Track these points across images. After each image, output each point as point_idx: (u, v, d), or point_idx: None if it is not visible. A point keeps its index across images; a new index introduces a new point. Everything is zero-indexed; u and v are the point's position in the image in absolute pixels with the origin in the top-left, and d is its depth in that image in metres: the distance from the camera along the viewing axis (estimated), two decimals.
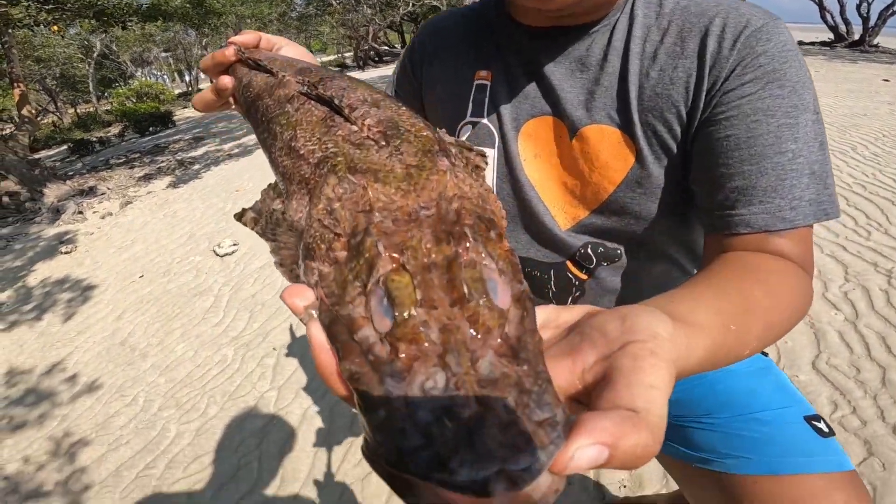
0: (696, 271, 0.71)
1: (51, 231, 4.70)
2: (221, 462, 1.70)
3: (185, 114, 14.07)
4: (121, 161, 7.51)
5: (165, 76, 28.58)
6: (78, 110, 20.83)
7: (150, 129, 10.60)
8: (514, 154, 0.67)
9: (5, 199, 5.65)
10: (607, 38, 0.61)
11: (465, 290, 0.23)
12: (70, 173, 7.08)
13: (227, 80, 0.52)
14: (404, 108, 0.37)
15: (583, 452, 0.21)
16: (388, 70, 14.82)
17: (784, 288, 0.47)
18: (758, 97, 0.54)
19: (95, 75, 18.71)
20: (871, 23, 15.79)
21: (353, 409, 0.23)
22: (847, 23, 16.90)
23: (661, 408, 0.23)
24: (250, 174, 5.37)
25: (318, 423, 1.79)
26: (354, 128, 0.34)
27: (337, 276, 0.25)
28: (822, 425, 0.61)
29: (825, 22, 16.88)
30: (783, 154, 0.53)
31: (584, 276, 0.68)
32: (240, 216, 0.38)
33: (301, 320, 0.26)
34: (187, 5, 8.17)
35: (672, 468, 0.71)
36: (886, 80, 8.14)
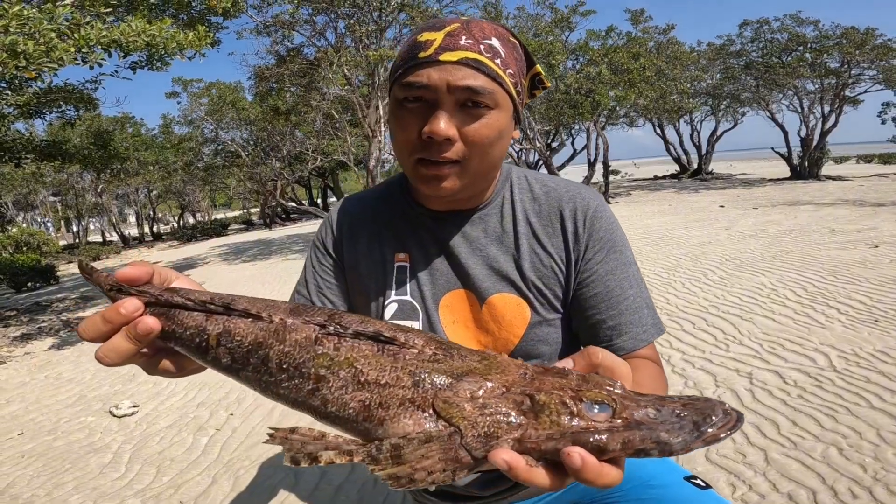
0: None
1: None
2: None
3: (70, 269, 12.88)
4: None
5: (50, 223, 25.72)
6: None
7: (29, 284, 9.60)
8: (436, 322, 0.83)
9: None
10: (498, 221, 0.83)
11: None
12: None
13: (151, 322, 0.43)
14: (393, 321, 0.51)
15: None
16: (297, 229, 14.42)
17: (652, 374, 0.76)
18: (605, 261, 0.80)
19: None
20: (703, 150, 19.02)
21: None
22: (686, 153, 20.30)
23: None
24: None
25: None
26: (416, 350, 0.40)
27: (535, 428, 0.36)
28: (699, 482, 0.81)
29: (669, 154, 20.07)
30: (627, 298, 0.79)
31: None
32: (300, 461, 0.38)
33: (515, 469, 0.35)
34: (91, 146, 7.36)
35: None
36: (722, 206, 9.84)
